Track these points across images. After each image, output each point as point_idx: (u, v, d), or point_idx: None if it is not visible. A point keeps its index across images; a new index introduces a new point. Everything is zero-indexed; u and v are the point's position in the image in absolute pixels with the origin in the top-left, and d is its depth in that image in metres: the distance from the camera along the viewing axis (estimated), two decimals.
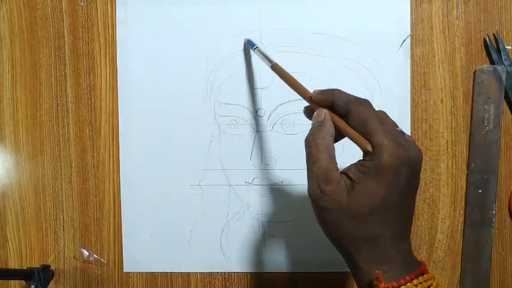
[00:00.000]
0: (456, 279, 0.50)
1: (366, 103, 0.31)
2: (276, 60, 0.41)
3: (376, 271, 0.29)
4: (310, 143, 0.32)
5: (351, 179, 0.30)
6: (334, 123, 0.32)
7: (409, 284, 0.29)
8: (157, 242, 0.51)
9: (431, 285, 0.29)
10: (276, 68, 0.40)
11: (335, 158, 0.31)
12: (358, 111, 0.31)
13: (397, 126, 0.31)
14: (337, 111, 0.32)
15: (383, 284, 0.28)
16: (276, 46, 0.49)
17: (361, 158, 0.31)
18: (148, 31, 0.50)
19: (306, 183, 0.33)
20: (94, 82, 0.51)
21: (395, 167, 0.29)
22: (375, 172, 0.29)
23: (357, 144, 0.30)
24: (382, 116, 0.31)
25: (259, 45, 0.46)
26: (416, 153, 0.30)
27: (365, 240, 0.30)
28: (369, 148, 0.29)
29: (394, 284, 0.28)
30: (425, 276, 0.29)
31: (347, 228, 0.30)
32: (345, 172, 0.31)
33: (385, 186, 0.29)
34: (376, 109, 0.32)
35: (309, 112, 0.35)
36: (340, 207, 0.30)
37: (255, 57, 0.49)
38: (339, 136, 0.33)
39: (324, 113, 0.32)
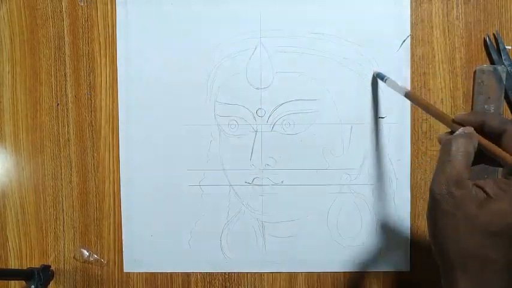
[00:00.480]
0: None
1: None
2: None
3: None
4: (451, 142, 0.30)
5: (486, 193, 0.28)
6: (479, 142, 0.31)
7: None
8: (157, 242, 0.51)
9: None
10: (410, 95, 0.40)
11: (470, 169, 0.30)
12: None
13: None
14: (487, 132, 0.31)
15: None
16: (276, 46, 0.49)
17: (501, 177, 0.29)
18: (149, 31, 0.50)
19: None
20: (94, 82, 0.51)
21: None
22: None
23: (504, 161, 0.29)
24: None
25: (388, 77, 0.46)
26: None
27: (478, 259, 0.28)
28: None
29: None
30: None
31: (463, 240, 0.28)
32: (480, 186, 0.29)
33: None
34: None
35: (444, 138, 0.33)
36: (465, 216, 0.28)
37: (256, 57, 0.49)
38: (479, 161, 0.31)
39: (471, 129, 0.31)
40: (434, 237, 0.30)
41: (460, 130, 0.31)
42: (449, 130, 0.34)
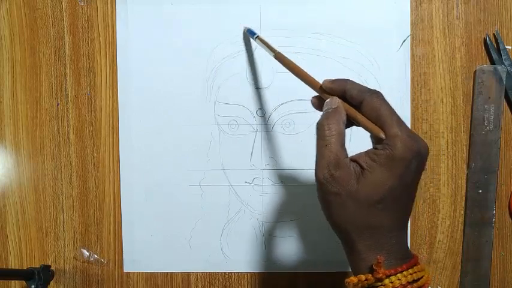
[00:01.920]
0: (456, 279, 0.50)
1: (379, 94, 0.32)
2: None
3: (379, 256, 0.30)
4: (323, 127, 0.32)
5: (361, 166, 0.31)
6: (347, 111, 0.32)
7: (404, 272, 0.30)
8: (157, 242, 0.51)
9: (423, 276, 0.31)
10: (280, 57, 0.39)
11: (345, 145, 0.32)
12: (371, 101, 0.31)
13: None
14: (349, 100, 0.33)
15: (382, 270, 0.29)
16: (276, 46, 0.49)
17: (371, 148, 0.31)
18: (149, 31, 0.50)
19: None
20: (94, 82, 0.51)
21: (407, 159, 0.30)
22: (386, 162, 0.30)
23: (370, 131, 0.31)
24: (391, 107, 0.32)
25: (259, 34, 0.45)
26: (425, 147, 0.31)
27: (369, 227, 0.30)
28: (382, 136, 0.30)
29: (392, 271, 0.30)
30: (418, 266, 0.31)
31: (353, 214, 0.30)
32: (354, 159, 0.31)
33: (395, 176, 0.30)
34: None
35: (317, 103, 0.36)
36: (348, 193, 0.30)
37: (256, 58, 0.49)
38: (348, 125, 0.33)
39: (337, 101, 0.33)
40: (328, 216, 0.32)
41: (328, 104, 0.33)
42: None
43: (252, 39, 0.47)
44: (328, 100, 0.33)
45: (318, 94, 0.35)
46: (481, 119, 0.49)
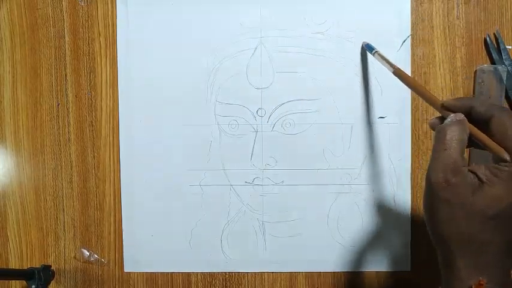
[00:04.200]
0: None
1: (509, 111, 0.30)
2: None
3: (481, 278, 0.28)
4: (445, 131, 0.30)
5: (479, 178, 0.29)
6: (471, 131, 0.31)
7: None
8: (157, 242, 0.51)
9: None
10: (399, 73, 0.39)
11: (464, 156, 0.30)
12: (501, 117, 0.30)
13: None
14: (475, 117, 0.31)
15: None
16: (277, 46, 0.49)
17: (492, 163, 0.30)
18: (149, 31, 0.50)
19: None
20: (94, 82, 0.51)
21: None
22: (508, 177, 0.28)
23: (493, 151, 0.30)
24: None
25: (378, 49, 0.44)
26: None
27: (477, 244, 0.29)
28: (507, 157, 0.29)
29: None
30: None
31: (462, 226, 0.29)
32: (473, 170, 0.30)
33: None
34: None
35: (438, 123, 0.33)
36: (461, 203, 0.29)
37: (256, 57, 0.49)
38: (469, 145, 0.32)
39: (462, 115, 0.31)
40: (432, 224, 0.30)
41: (452, 117, 0.31)
42: (440, 115, 0.34)
43: (369, 54, 0.46)
44: (452, 115, 0.31)
45: (437, 116, 0.34)
46: None
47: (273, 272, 0.51)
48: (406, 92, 0.49)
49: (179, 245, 0.51)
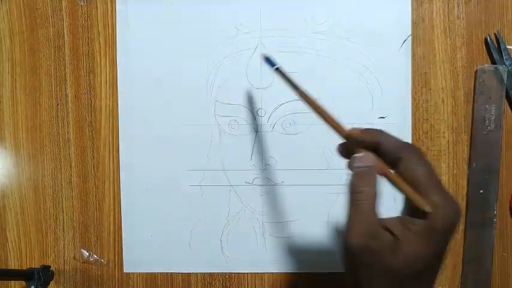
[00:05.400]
0: (457, 279, 0.50)
1: (417, 151, 0.29)
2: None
3: None
4: (355, 190, 0.29)
5: (395, 236, 0.28)
6: (382, 171, 0.29)
7: None
8: (157, 242, 0.51)
9: None
10: (304, 97, 0.35)
11: (377, 211, 0.29)
12: (410, 160, 0.28)
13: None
14: (382, 154, 0.30)
15: None
16: (277, 46, 0.49)
17: (405, 215, 0.29)
18: (149, 31, 0.50)
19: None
20: (94, 82, 0.51)
21: (448, 229, 0.28)
22: (425, 233, 0.27)
23: (415, 203, 0.28)
24: (430, 165, 0.29)
25: (280, 65, 0.39)
26: (460, 210, 0.28)
27: None
28: (429, 210, 0.27)
29: None
30: None
31: (382, 286, 0.28)
32: (386, 227, 0.29)
33: (432, 248, 0.27)
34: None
35: (344, 150, 0.32)
36: (381, 266, 0.28)
37: (256, 57, 0.49)
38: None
39: (372, 159, 0.29)
40: (355, 284, 0.29)
41: (360, 158, 0.30)
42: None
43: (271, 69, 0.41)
44: (360, 155, 0.30)
45: (344, 143, 0.32)
46: (482, 119, 0.48)
47: (272, 272, 0.51)
48: (406, 92, 0.49)
49: (179, 245, 0.51)
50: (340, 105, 0.49)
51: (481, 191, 0.49)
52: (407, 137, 0.49)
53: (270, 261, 0.51)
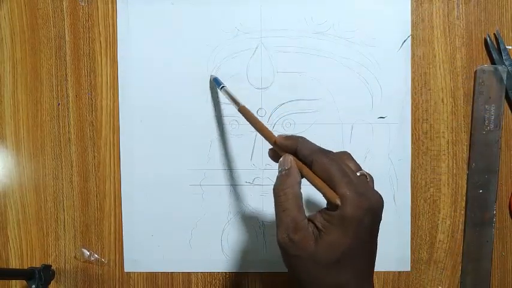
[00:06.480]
0: (457, 279, 0.50)
1: (329, 154, 0.33)
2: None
3: None
4: (279, 193, 0.33)
5: (317, 227, 0.31)
6: (301, 171, 0.33)
7: None
8: (158, 242, 0.51)
9: None
10: (243, 111, 0.40)
11: (303, 206, 0.32)
12: (321, 162, 0.32)
13: (360, 169, 0.33)
14: (301, 159, 0.33)
15: None
16: (276, 46, 0.49)
17: (325, 207, 0.32)
18: (149, 31, 0.50)
19: None
20: (95, 82, 0.51)
21: (359, 217, 0.30)
22: (339, 222, 0.30)
23: (325, 196, 0.31)
24: (344, 165, 0.32)
25: (226, 85, 0.46)
26: (377, 201, 0.32)
27: (332, 286, 0.31)
28: (338, 202, 0.30)
29: None
30: None
31: (314, 275, 0.31)
32: (311, 220, 0.32)
33: (349, 235, 0.30)
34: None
35: (273, 155, 0.36)
36: (307, 255, 0.30)
37: (256, 57, 0.49)
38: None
39: (289, 161, 0.33)
40: (295, 278, 0.32)
41: (281, 162, 0.33)
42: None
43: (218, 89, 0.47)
44: (281, 159, 0.34)
45: (273, 148, 0.36)
46: (481, 119, 0.49)
47: (272, 272, 0.51)
48: (406, 92, 0.49)
49: (179, 245, 0.51)
50: (340, 105, 0.49)
51: (481, 191, 0.49)
52: (407, 137, 0.50)
53: (270, 261, 0.51)
